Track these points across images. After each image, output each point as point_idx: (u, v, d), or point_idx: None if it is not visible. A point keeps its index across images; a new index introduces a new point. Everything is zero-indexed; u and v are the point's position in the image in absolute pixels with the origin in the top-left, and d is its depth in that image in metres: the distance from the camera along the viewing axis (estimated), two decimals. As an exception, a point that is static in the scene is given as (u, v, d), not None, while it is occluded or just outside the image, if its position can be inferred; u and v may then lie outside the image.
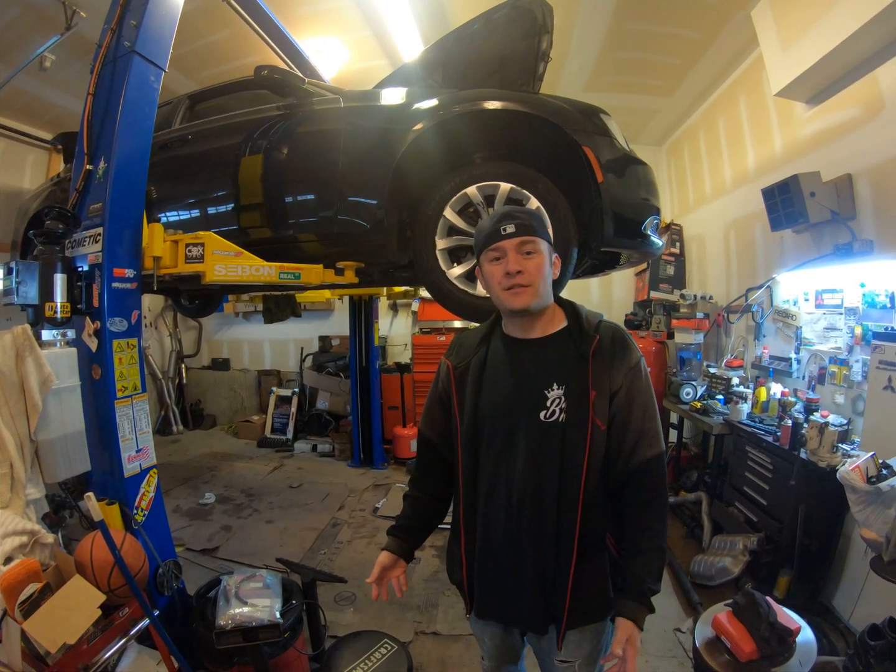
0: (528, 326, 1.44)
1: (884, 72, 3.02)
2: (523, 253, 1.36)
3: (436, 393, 1.61)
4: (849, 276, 3.34)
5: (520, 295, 1.35)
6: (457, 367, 1.50)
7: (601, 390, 1.33)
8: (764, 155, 4.43)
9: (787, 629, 1.83)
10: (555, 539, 1.36)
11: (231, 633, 2.02)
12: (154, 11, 2.30)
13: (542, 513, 1.37)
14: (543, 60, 2.74)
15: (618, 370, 1.35)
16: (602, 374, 1.34)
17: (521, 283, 1.34)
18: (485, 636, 1.66)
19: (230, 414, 7.99)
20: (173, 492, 5.12)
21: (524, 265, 1.35)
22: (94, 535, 1.88)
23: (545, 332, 1.44)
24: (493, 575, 1.46)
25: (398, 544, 1.61)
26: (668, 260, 6.14)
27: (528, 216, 1.39)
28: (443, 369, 1.57)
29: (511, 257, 1.35)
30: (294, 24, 3.96)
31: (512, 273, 1.34)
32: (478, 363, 1.47)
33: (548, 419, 1.35)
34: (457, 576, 1.56)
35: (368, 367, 6.14)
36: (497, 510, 1.42)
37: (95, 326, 2.15)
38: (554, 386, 1.36)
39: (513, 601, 1.45)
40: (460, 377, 1.49)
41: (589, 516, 1.35)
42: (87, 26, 3.64)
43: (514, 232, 1.35)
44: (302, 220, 2.84)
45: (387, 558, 1.59)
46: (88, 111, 2.28)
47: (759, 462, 3.47)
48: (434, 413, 1.62)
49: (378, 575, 1.57)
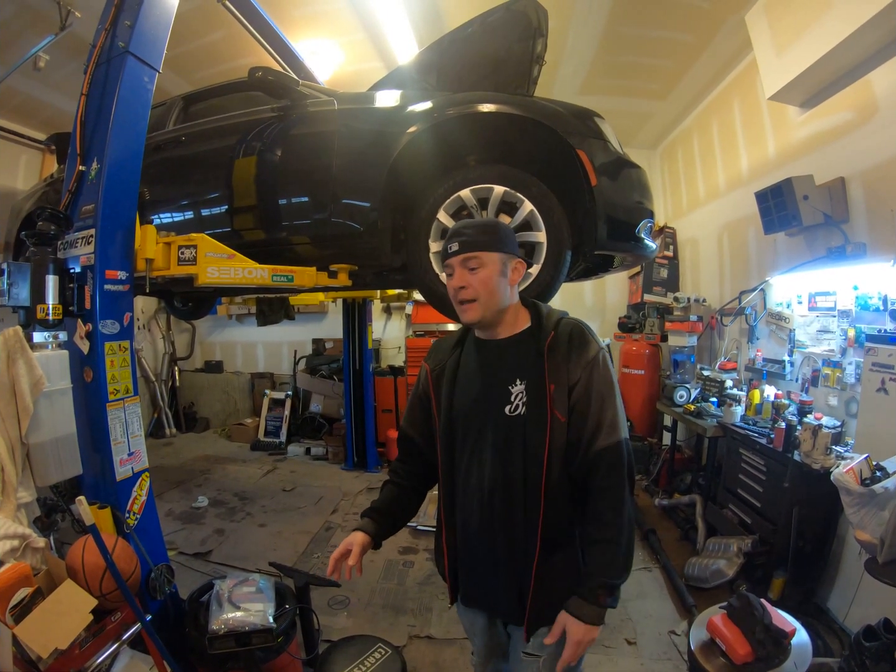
0: (491, 331, 1.53)
1: (877, 76, 3.04)
2: (468, 268, 1.44)
3: (416, 394, 1.69)
4: (842, 278, 3.35)
5: (466, 311, 1.46)
6: (434, 369, 1.60)
7: (559, 383, 1.39)
8: (757, 158, 4.45)
9: (782, 631, 1.84)
10: (523, 529, 1.42)
11: (224, 637, 2.01)
12: (148, 12, 2.28)
13: (511, 503, 1.43)
14: (538, 63, 2.74)
15: (575, 363, 1.40)
16: (559, 367, 1.40)
17: (465, 297, 1.44)
18: (474, 629, 1.70)
19: (223, 417, 7.94)
20: (166, 495, 5.09)
21: (468, 280, 1.43)
22: (86, 539, 1.86)
23: (510, 332, 1.52)
24: (472, 564, 1.54)
25: (373, 527, 1.61)
26: (661, 263, 6.17)
27: (475, 231, 1.47)
28: (422, 372, 1.66)
29: (457, 273, 1.46)
30: (289, 25, 3.96)
31: (457, 288, 1.45)
32: (452, 365, 1.57)
33: (512, 413, 1.43)
34: (441, 566, 1.63)
35: (362, 370, 6.13)
36: (472, 502, 1.49)
37: (87, 329, 2.13)
38: (517, 381, 1.44)
39: (491, 590, 1.52)
40: (437, 379, 1.59)
41: (553, 507, 1.39)
42: (82, 26, 3.62)
43: (457, 250, 1.44)
44: (295, 223, 2.83)
45: (359, 537, 1.57)
46: (81, 112, 2.26)
47: (752, 464, 3.48)
48: (415, 412, 1.69)
49: (343, 551, 1.55)
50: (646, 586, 3.41)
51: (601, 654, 2.79)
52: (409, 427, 1.71)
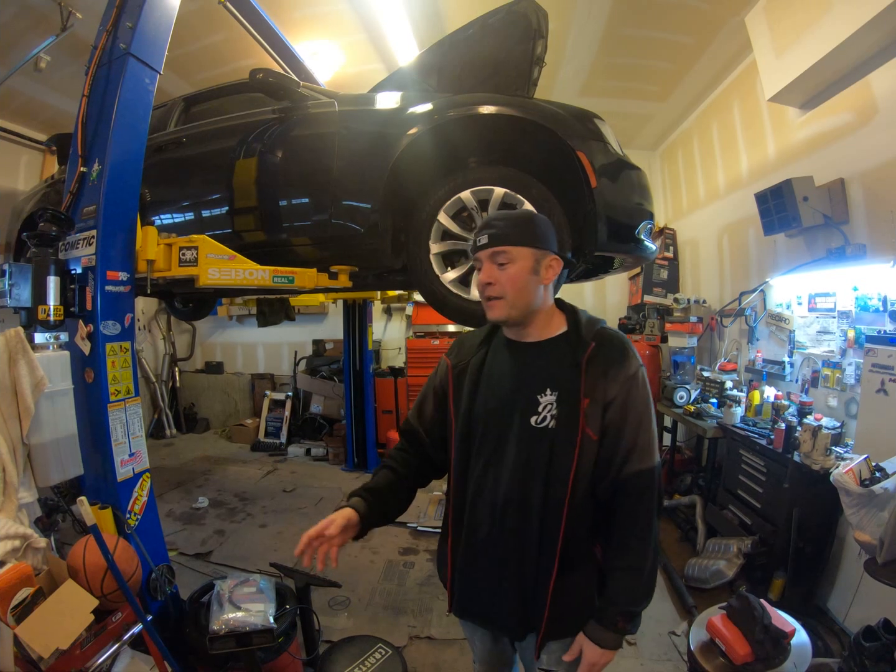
0: (521, 331, 1.43)
1: (877, 77, 3.04)
2: (496, 264, 1.35)
3: (431, 387, 1.59)
4: (842, 279, 3.35)
5: (493, 308, 1.37)
6: (455, 366, 1.50)
7: (594, 399, 1.30)
8: (757, 160, 4.45)
9: (782, 631, 1.84)
10: (537, 547, 1.33)
11: (224, 637, 2.01)
12: (150, 14, 2.29)
13: (526, 519, 1.34)
14: (538, 65, 2.74)
15: (614, 379, 1.31)
16: (596, 382, 1.30)
17: (491, 294, 1.36)
18: (475, 639, 1.63)
19: (224, 417, 7.95)
20: (166, 496, 5.10)
21: (495, 276, 1.35)
22: (87, 539, 1.87)
23: (542, 336, 1.42)
24: (474, 577, 1.44)
25: (364, 507, 1.44)
26: (661, 264, 6.16)
27: (506, 224, 1.37)
28: (442, 367, 1.56)
29: (484, 267, 1.37)
30: (289, 27, 3.97)
31: (483, 284, 1.36)
32: (476, 364, 1.46)
33: (538, 424, 1.33)
34: (443, 574, 1.55)
35: (362, 370, 6.14)
36: (481, 513, 1.40)
37: (88, 329, 2.14)
38: (547, 391, 1.34)
39: (492, 605, 1.43)
40: (458, 376, 1.48)
41: (574, 526, 1.31)
42: (83, 27, 3.63)
43: (486, 243, 1.35)
44: (296, 224, 2.84)
45: (345, 513, 1.41)
46: (83, 113, 2.27)
47: (752, 465, 3.49)
48: (426, 407, 1.59)
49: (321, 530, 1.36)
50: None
51: (601, 655, 2.78)
52: (415, 420, 1.60)
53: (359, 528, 1.42)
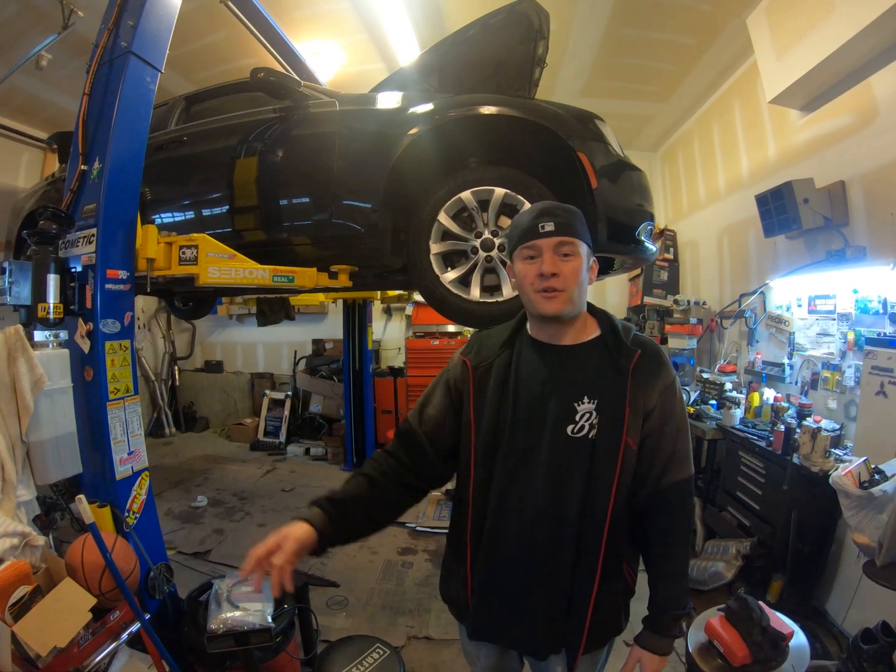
0: (558, 333, 1.33)
1: (878, 79, 3.05)
2: (560, 254, 1.25)
3: (441, 388, 1.44)
4: (842, 282, 3.36)
5: (553, 300, 1.25)
6: (477, 367, 1.36)
7: (635, 408, 1.25)
8: (758, 161, 4.46)
9: (780, 634, 1.84)
10: (573, 562, 1.27)
11: (222, 637, 2.01)
12: (151, 12, 2.28)
13: (560, 533, 1.26)
14: (539, 66, 2.75)
15: (653, 388, 1.27)
16: (638, 391, 1.25)
17: (554, 286, 1.23)
18: (480, 654, 1.51)
19: (223, 417, 7.96)
20: (165, 494, 5.09)
21: (560, 268, 1.24)
22: (85, 537, 1.87)
23: (577, 339, 1.33)
24: (495, 596, 1.35)
25: (324, 523, 1.27)
26: (661, 265, 6.16)
27: (569, 214, 1.28)
28: (458, 367, 1.41)
29: (547, 258, 1.24)
30: (290, 26, 3.96)
31: (546, 275, 1.23)
32: (501, 366, 1.34)
33: (575, 434, 1.25)
34: (454, 593, 1.46)
35: (362, 370, 6.14)
36: (506, 527, 1.31)
37: (88, 328, 2.13)
38: (585, 399, 1.26)
39: (515, 625, 1.35)
40: (480, 379, 1.35)
41: (613, 539, 1.27)
42: (85, 26, 3.62)
43: (552, 230, 1.24)
44: (296, 223, 2.84)
45: (298, 531, 1.23)
46: (84, 111, 2.27)
47: (751, 467, 3.49)
48: (432, 410, 1.44)
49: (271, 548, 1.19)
50: (644, 588, 3.36)
51: (599, 656, 2.79)
52: (416, 423, 1.45)
53: (315, 546, 1.26)
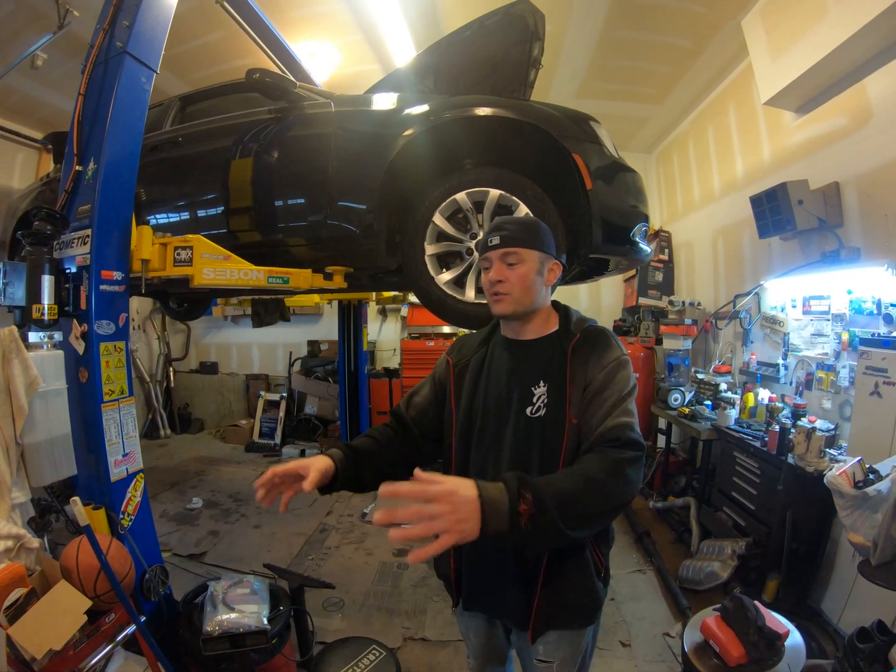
0: (520, 329, 1.53)
1: (872, 81, 3.06)
2: (506, 263, 1.45)
3: (431, 382, 1.66)
4: (836, 282, 3.38)
5: (500, 302, 1.46)
6: (457, 364, 1.59)
7: (577, 386, 1.38)
8: (752, 163, 4.48)
9: (776, 633, 1.84)
10: None
11: (218, 639, 2.01)
12: (147, 12, 2.29)
13: None
14: (535, 67, 2.76)
15: (594, 365, 1.39)
16: (579, 369, 1.39)
17: (500, 291, 1.45)
18: (470, 632, 1.69)
19: (218, 418, 7.93)
20: (160, 496, 5.07)
21: (505, 275, 1.44)
22: (80, 540, 1.86)
23: (539, 334, 1.52)
24: (479, 567, 1.51)
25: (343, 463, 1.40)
26: (656, 266, 6.18)
27: (517, 228, 1.48)
28: (443, 364, 1.64)
29: (494, 267, 1.46)
30: (286, 27, 3.96)
31: (493, 282, 1.45)
32: (477, 362, 1.56)
33: (533, 415, 1.41)
34: (443, 569, 1.61)
35: (357, 371, 6.14)
36: None
37: (83, 329, 2.13)
38: (540, 383, 1.43)
39: (498, 594, 1.49)
40: (459, 374, 1.57)
41: None
42: (80, 26, 3.60)
43: (498, 243, 1.45)
44: (291, 225, 2.83)
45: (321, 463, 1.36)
46: (79, 112, 2.26)
47: (746, 467, 3.50)
48: (417, 397, 1.66)
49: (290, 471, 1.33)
50: (640, 588, 3.42)
51: (595, 657, 2.78)
52: (405, 408, 1.64)
53: (330, 481, 1.38)
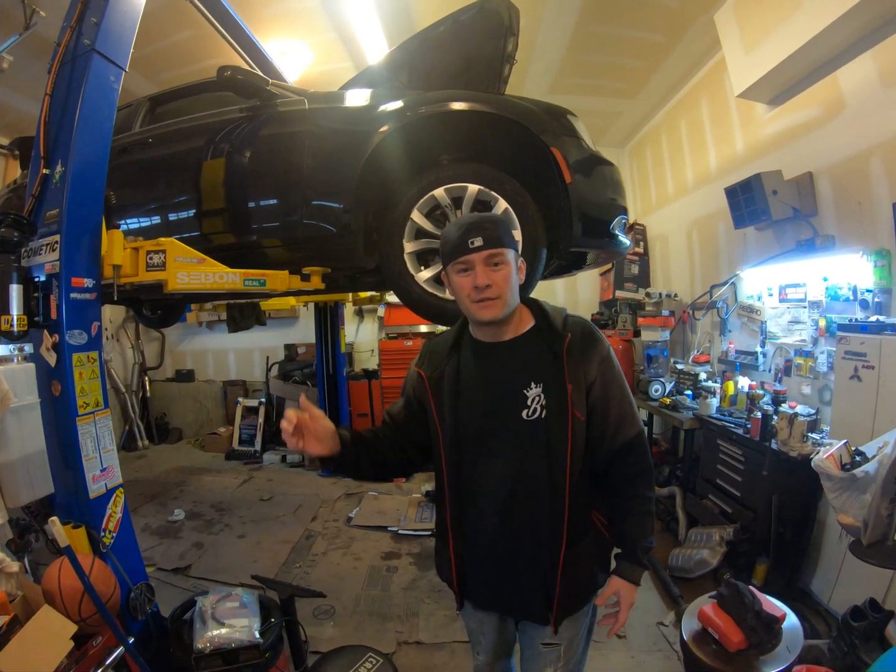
0: (498, 331, 1.46)
1: (844, 73, 3.12)
2: (491, 265, 1.36)
3: (403, 399, 1.62)
4: (811, 270, 3.43)
5: (489, 307, 1.37)
6: (431, 376, 1.51)
7: (577, 384, 1.38)
8: (726, 155, 4.53)
9: (774, 617, 1.86)
10: (548, 528, 1.41)
11: (210, 656, 1.94)
12: (115, 8, 2.21)
13: (535, 505, 1.41)
14: (509, 62, 2.74)
15: (590, 363, 1.41)
16: (576, 368, 1.39)
17: (489, 296, 1.35)
18: (484, 629, 1.67)
19: (196, 427, 7.77)
20: (141, 509, 4.93)
21: (492, 278, 1.35)
22: (61, 561, 1.78)
23: (516, 333, 1.47)
24: (488, 569, 1.51)
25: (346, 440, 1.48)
26: (632, 259, 6.24)
27: (494, 226, 1.39)
28: (414, 379, 1.57)
29: (479, 270, 1.35)
30: (258, 25, 3.88)
31: (481, 287, 1.35)
32: (452, 371, 1.49)
33: (530, 417, 1.39)
34: (446, 573, 1.60)
35: (336, 374, 6.10)
36: (485, 510, 1.46)
37: (54, 340, 2.04)
38: (532, 384, 1.40)
39: (513, 591, 1.50)
40: (436, 386, 1.50)
41: (575, 502, 1.40)
42: (47, 26, 3.46)
43: (481, 245, 1.34)
44: (266, 225, 2.78)
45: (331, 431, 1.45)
46: (45, 112, 2.18)
47: (730, 454, 3.54)
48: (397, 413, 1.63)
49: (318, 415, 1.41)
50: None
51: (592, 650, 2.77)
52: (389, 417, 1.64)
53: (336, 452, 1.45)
